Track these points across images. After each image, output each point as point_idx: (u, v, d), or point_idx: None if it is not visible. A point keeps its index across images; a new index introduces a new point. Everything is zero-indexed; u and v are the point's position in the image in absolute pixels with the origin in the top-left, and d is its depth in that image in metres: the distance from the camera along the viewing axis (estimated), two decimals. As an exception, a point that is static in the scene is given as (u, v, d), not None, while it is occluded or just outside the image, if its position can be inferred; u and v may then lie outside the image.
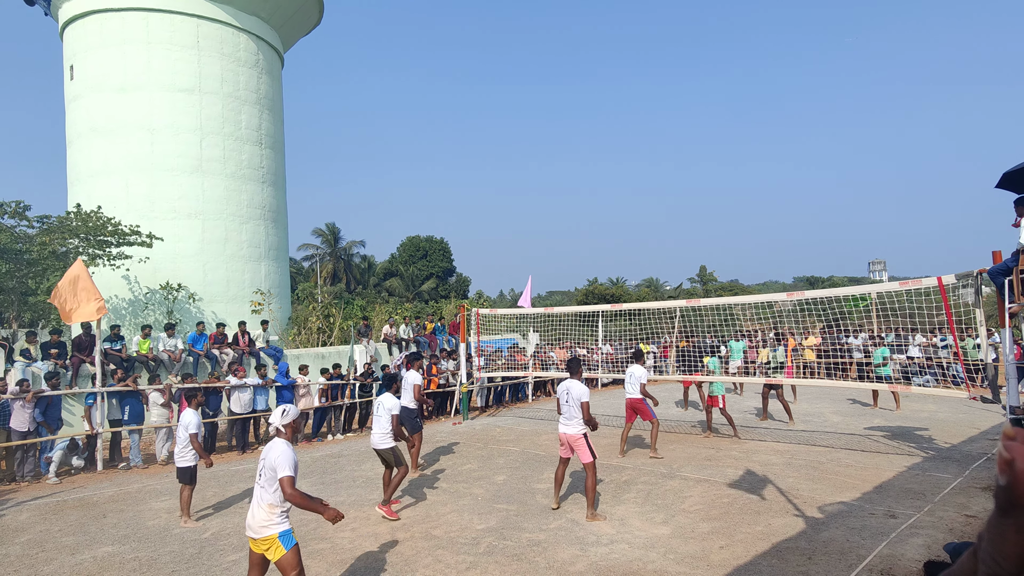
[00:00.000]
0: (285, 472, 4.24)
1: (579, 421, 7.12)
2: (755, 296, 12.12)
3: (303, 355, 17.00)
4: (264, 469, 4.35)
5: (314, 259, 54.51)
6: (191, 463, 7.51)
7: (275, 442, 4.44)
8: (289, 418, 4.54)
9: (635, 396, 10.23)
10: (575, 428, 7.14)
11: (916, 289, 9.86)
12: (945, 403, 15.40)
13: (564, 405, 7.26)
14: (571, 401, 7.17)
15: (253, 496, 4.41)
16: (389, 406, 7.72)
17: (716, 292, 49.44)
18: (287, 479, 4.24)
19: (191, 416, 7.51)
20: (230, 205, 19.73)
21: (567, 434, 7.21)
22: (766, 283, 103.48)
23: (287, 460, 4.28)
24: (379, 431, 7.67)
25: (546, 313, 17.04)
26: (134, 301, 18.11)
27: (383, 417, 7.69)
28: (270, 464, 4.30)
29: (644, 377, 10.30)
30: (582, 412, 7.06)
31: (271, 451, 4.36)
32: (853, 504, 7.20)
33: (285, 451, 4.32)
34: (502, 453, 11.02)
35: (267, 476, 4.31)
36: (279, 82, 22.51)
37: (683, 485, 8.34)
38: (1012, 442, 0.85)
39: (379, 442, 7.65)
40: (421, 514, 7.49)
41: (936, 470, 8.74)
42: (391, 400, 7.79)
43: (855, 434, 11.78)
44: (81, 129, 19.10)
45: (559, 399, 7.39)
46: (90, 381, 11.83)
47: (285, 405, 4.64)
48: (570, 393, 7.21)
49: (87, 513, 8.10)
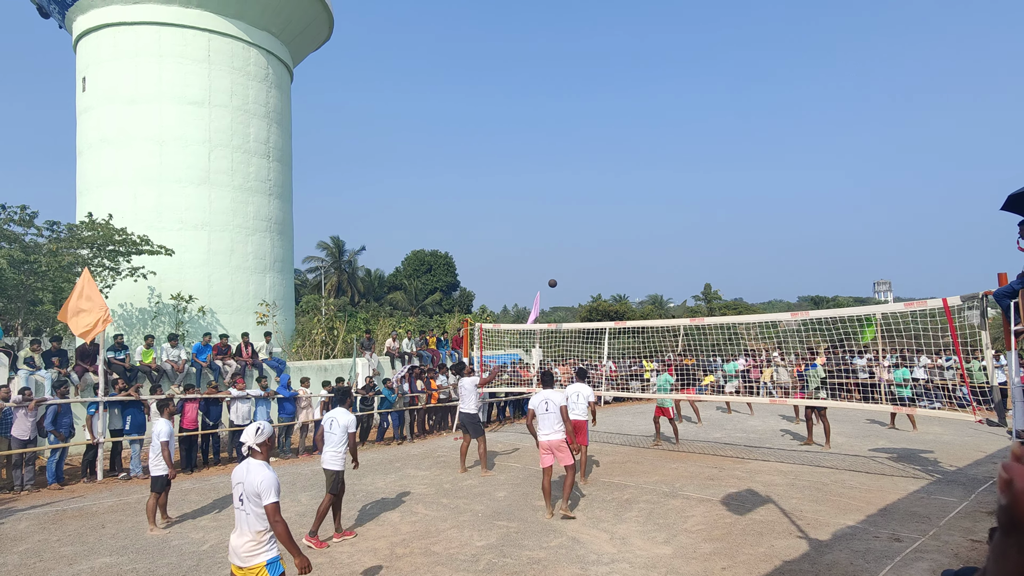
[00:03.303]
0: (271, 499, 4.07)
1: (560, 427, 7.66)
2: (759, 315, 12.10)
3: (305, 367, 16.99)
4: (246, 494, 4.14)
5: (319, 272, 54.70)
6: (164, 471, 7.62)
7: (252, 464, 4.23)
8: (264, 436, 4.33)
9: (580, 418, 9.76)
10: (558, 435, 7.67)
11: (921, 310, 9.83)
12: (951, 425, 15.27)
13: (544, 415, 7.72)
14: (551, 408, 7.69)
15: (237, 521, 4.19)
16: (345, 423, 7.15)
17: (720, 311, 49.31)
18: (273, 507, 4.06)
19: (163, 425, 7.70)
20: (236, 217, 19.84)
21: (551, 440, 7.70)
22: (771, 302, 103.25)
23: (271, 485, 4.09)
24: (331, 450, 7.10)
25: (550, 329, 17.03)
26: (144, 311, 18.18)
27: (336, 434, 7.13)
28: (252, 489, 4.09)
29: (591, 396, 10.13)
30: (562, 418, 7.65)
31: (251, 474, 4.15)
32: (857, 527, 7.12)
33: (268, 475, 4.12)
34: (503, 469, 10.96)
35: (252, 502, 4.11)
36: (288, 95, 22.75)
37: (685, 504, 8.27)
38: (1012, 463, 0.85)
39: (329, 461, 7.08)
40: (421, 530, 7.43)
41: (942, 493, 8.64)
42: (346, 417, 7.22)
43: (860, 455, 11.67)
44: (92, 139, 19.30)
45: (533, 410, 7.84)
46: (92, 390, 11.84)
47: (259, 422, 4.42)
48: (550, 401, 7.74)
49: (86, 523, 8.07)
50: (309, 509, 8.45)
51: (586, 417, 10.10)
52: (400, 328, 24.39)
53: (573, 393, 9.93)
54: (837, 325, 14.30)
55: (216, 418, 12.27)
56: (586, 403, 10.04)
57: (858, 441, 13.35)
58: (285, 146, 22.17)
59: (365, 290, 56.20)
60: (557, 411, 7.69)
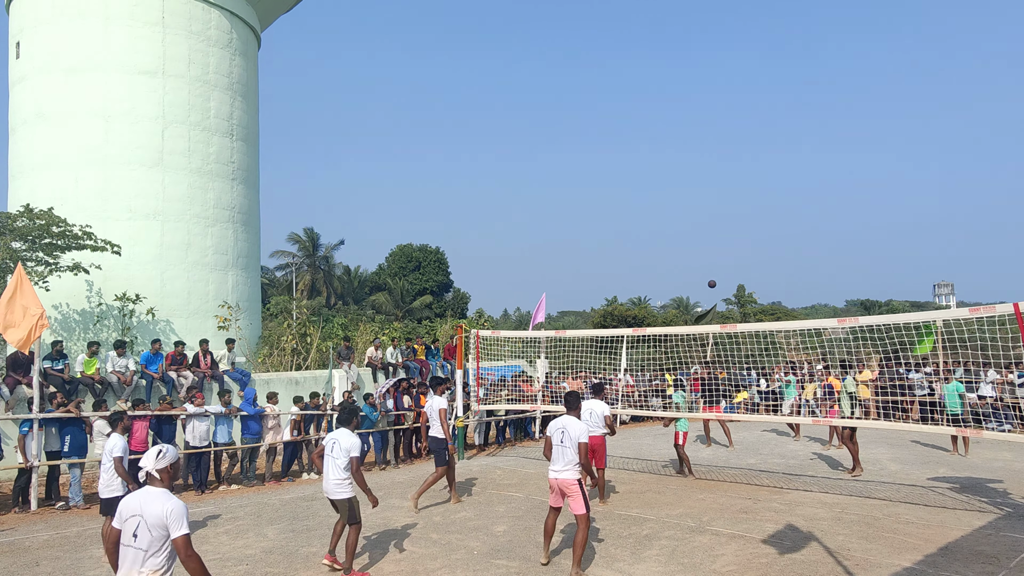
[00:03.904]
0: (182, 530, 4.03)
1: (575, 464, 7.18)
2: (801, 322, 12.10)
3: (274, 380, 17.01)
4: (146, 527, 4.07)
5: (289, 269, 54.83)
6: (118, 493, 7.68)
7: (152, 493, 4.18)
8: (166, 461, 4.31)
9: (596, 434, 10.19)
10: (570, 473, 7.19)
11: (989, 317, 9.82)
12: (1023, 451, 15.26)
13: (558, 446, 7.30)
14: (567, 441, 7.24)
15: (123, 562, 4.10)
16: (347, 446, 7.35)
17: (756, 316, 49.33)
18: (184, 540, 4.03)
19: (116, 440, 7.93)
20: (194, 205, 19.87)
21: (560, 479, 7.25)
22: (814, 306, 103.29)
23: (181, 515, 4.06)
24: (334, 476, 7.32)
25: (558, 337, 17.03)
26: (85, 314, 18.19)
27: (339, 459, 7.33)
28: (156, 521, 4.05)
29: (607, 410, 10.62)
30: (579, 454, 7.13)
31: (152, 504, 4.10)
32: (914, 568, 7.12)
33: (176, 503, 4.10)
34: (503, 499, 10.97)
35: (155, 535, 4.04)
36: (255, 65, 22.78)
37: (714, 541, 8.27)
38: None
39: (335, 490, 7.31)
40: (407, 570, 7.44)
41: (1012, 529, 8.64)
42: (349, 439, 7.42)
43: (917, 485, 11.67)
44: (26, 115, 19.33)
45: (550, 438, 7.46)
46: (26, 405, 11.84)
47: (162, 445, 4.44)
48: (566, 432, 7.27)
49: (17, 560, 8.08)
50: (276, 545, 8.47)
51: (603, 432, 10.46)
52: (384, 335, 24.40)
53: (586, 411, 10.14)
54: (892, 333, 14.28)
55: (169, 438, 12.28)
56: (601, 419, 10.43)
57: (915, 469, 13.35)
58: (251, 123, 22.20)
59: (343, 291, 56.32)
60: (574, 445, 7.17)
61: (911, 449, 15.97)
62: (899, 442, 17.07)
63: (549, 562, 7.52)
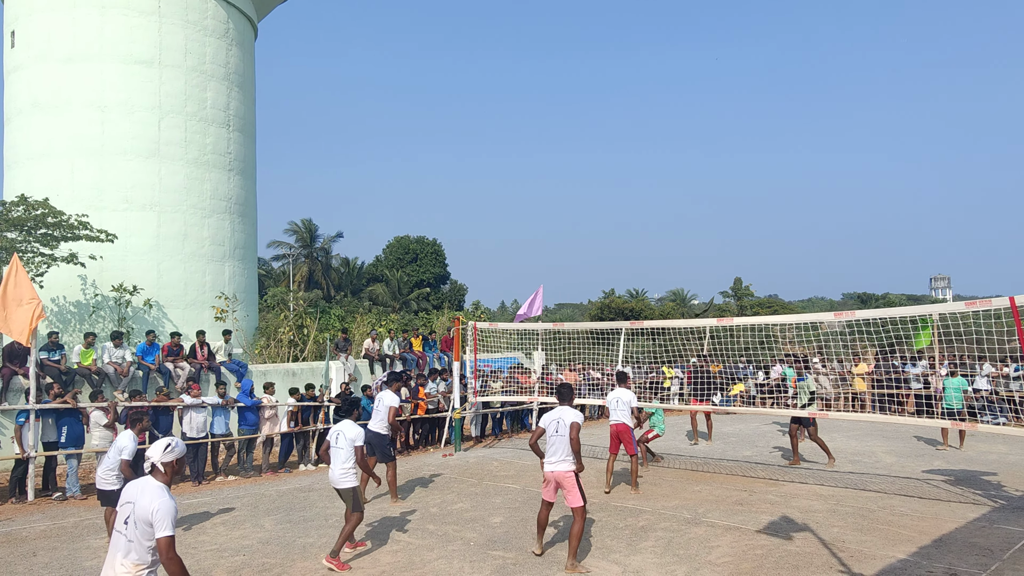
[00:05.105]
0: (165, 531, 3.98)
1: (569, 457, 7.13)
2: (797, 315, 12.13)
3: (271, 371, 17.02)
4: (134, 519, 4.04)
5: (286, 260, 54.75)
6: (116, 487, 7.72)
7: (150, 485, 4.13)
8: (174, 455, 4.29)
9: (621, 422, 10.66)
10: (565, 465, 7.14)
11: (985, 311, 9.84)
12: (1017, 444, 15.33)
13: (553, 436, 7.24)
14: (562, 431, 7.18)
15: (112, 547, 4.08)
16: (351, 436, 7.61)
17: (753, 309, 49.40)
18: (167, 541, 3.98)
19: (128, 440, 7.90)
20: (191, 196, 19.82)
21: (555, 472, 7.19)
22: (810, 299, 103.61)
23: (167, 515, 4.00)
24: (339, 466, 7.55)
25: (556, 330, 17.05)
26: (81, 305, 18.17)
27: (344, 449, 7.57)
28: (143, 515, 4.00)
29: (634, 401, 10.87)
30: (570, 431, 7.08)
31: (144, 496, 4.06)
32: (908, 560, 7.16)
33: (165, 502, 4.03)
34: (499, 491, 11.00)
35: (140, 529, 4.01)
36: (251, 55, 22.69)
37: (709, 533, 8.31)
38: None
39: (340, 479, 7.53)
40: (403, 561, 7.47)
41: (1005, 522, 8.69)
42: (353, 429, 7.68)
43: (912, 478, 11.72)
44: (21, 105, 19.25)
45: (544, 430, 7.40)
46: (23, 396, 11.84)
47: (171, 438, 4.40)
48: (561, 423, 7.22)
49: (14, 551, 8.09)
50: (273, 536, 8.49)
51: (630, 422, 10.75)
52: (381, 326, 24.43)
53: (613, 399, 10.84)
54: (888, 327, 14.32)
55: (166, 430, 12.28)
56: (628, 408, 10.72)
57: (909, 461, 13.41)
58: (248, 114, 22.13)
59: (340, 282, 56.26)
60: (567, 434, 7.09)
61: (907, 442, 16.03)
62: (894, 435, 17.13)
63: (543, 553, 7.50)
